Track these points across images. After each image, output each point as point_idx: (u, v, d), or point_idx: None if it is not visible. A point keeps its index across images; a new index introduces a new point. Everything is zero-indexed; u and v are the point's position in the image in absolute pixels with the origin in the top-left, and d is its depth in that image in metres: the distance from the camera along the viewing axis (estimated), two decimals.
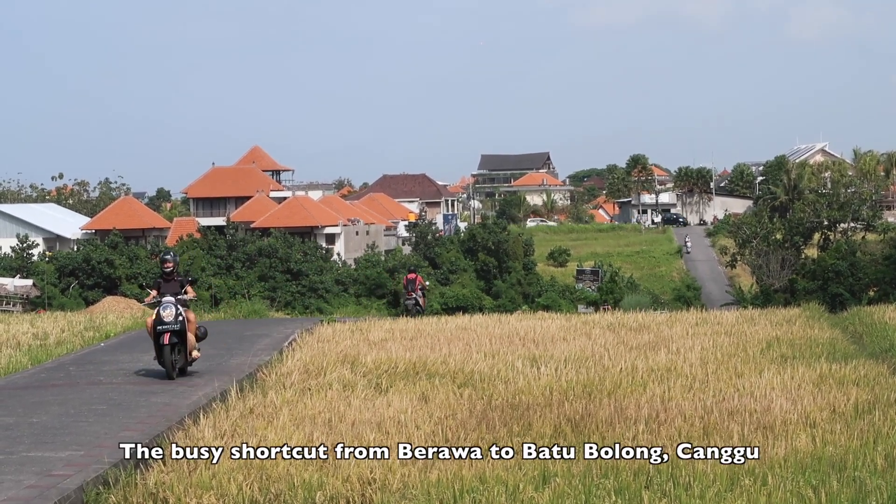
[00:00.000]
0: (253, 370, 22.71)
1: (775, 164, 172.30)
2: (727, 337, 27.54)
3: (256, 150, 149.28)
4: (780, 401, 17.89)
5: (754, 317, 33.13)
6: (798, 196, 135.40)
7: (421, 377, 21.41)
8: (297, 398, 18.98)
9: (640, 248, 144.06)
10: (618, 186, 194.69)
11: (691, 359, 23.35)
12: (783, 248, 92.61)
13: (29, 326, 34.05)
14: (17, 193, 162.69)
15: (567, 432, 15.92)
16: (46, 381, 22.22)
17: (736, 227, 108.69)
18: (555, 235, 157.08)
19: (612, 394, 19.18)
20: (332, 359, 23.53)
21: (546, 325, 31.23)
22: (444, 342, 26.96)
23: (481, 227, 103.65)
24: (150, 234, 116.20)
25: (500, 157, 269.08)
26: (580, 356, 23.98)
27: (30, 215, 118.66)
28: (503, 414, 17.28)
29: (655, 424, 16.26)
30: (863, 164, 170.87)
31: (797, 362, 22.56)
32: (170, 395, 19.71)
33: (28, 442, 15.69)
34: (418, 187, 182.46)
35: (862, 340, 27.25)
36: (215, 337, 30.49)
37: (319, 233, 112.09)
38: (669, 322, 31.80)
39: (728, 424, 16.13)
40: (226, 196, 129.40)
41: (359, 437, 15.59)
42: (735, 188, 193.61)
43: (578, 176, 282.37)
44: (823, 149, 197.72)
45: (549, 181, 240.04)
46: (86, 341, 30.33)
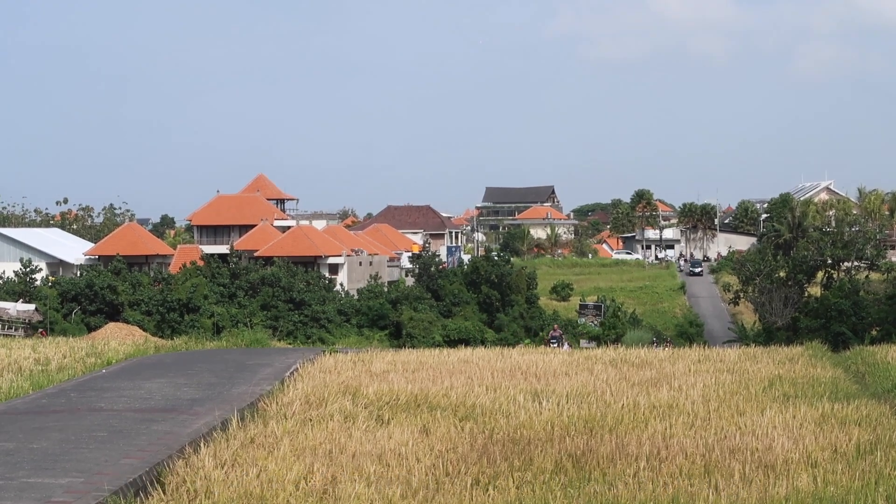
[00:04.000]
0: (254, 399, 22.67)
1: (780, 202, 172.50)
2: (729, 374, 27.50)
3: (261, 179, 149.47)
4: (782, 440, 17.85)
5: (757, 355, 33.07)
6: (802, 234, 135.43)
7: (422, 410, 21.38)
8: (298, 428, 18.94)
9: (644, 284, 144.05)
10: (622, 221, 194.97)
11: (693, 396, 23.30)
12: (786, 286, 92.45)
13: (31, 352, 34.05)
14: (21, 218, 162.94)
15: (568, 468, 15.89)
16: (47, 407, 22.19)
17: (739, 263, 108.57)
18: (558, 269, 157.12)
19: (613, 430, 19.14)
20: (334, 389, 23.49)
21: (548, 360, 31.19)
22: (446, 375, 26.93)
23: (485, 259, 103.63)
24: (154, 260, 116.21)
25: (504, 189, 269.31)
26: (582, 391, 23.94)
27: (34, 240, 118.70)
28: (504, 448, 17.25)
29: (657, 461, 16.22)
30: (867, 202, 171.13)
31: (799, 401, 22.52)
32: (171, 423, 19.68)
33: (28, 468, 15.66)
34: (422, 219, 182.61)
35: (864, 380, 27.20)
36: (217, 366, 30.49)
37: (323, 262, 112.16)
38: (672, 359, 31.76)
39: (730, 462, 16.09)
40: (230, 224, 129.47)
41: (359, 468, 15.56)
42: (739, 225, 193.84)
43: (583, 210, 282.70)
44: (828, 187, 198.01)
45: (553, 215, 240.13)
46: (87, 367, 30.32)
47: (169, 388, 24.82)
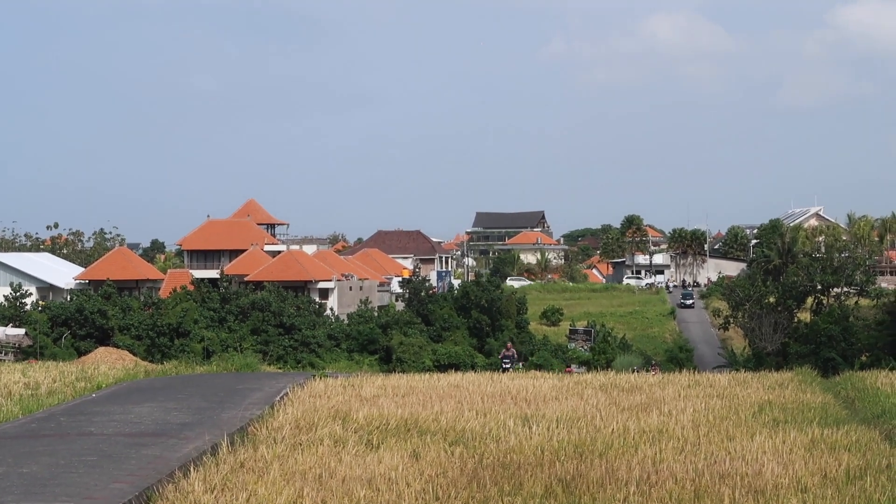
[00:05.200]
0: (244, 424, 22.66)
1: (770, 228, 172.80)
2: (719, 399, 27.52)
3: (251, 204, 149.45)
4: (772, 465, 17.87)
5: (746, 380, 33.10)
6: (792, 260, 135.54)
7: (412, 434, 21.38)
8: (288, 453, 18.94)
9: (634, 309, 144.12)
10: (612, 247, 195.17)
11: (683, 421, 23.32)
12: (776, 312, 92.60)
13: (20, 376, 33.97)
14: (11, 242, 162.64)
15: (558, 493, 15.89)
16: (37, 432, 22.15)
17: (729, 289, 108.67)
18: (548, 294, 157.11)
19: (603, 455, 19.15)
20: (324, 414, 23.49)
21: (538, 385, 31.19)
22: (436, 399, 26.93)
23: (475, 284, 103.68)
24: (144, 285, 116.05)
25: (495, 214, 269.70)
26: (572, 416, 23.95)
27: (24, 264, 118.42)
28: (494, 473, 17.25)
29: (646, 486, 16.23)
30: (857, 228, 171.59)
31: (789, 426, 22.55)
32: (160, 448, 19.66)
33: (17, 492, 15.64)
34: (413, 243, 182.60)
35: (854, 405, 27.24)
36: (207, 390, 30.46)
37: (313, 287, 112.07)
38: (662, 384, 31.78)
39: (719, 488, 16.10)
40: (220, 249, 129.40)
41: (349, 493, 15.56)
42: (729, 251, 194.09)
43: (573, 235, 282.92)
44: (818, 213, 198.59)
45: (543, 240, 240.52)
46: (77, 392, 30.27)
47: (159, 413, 24.79)
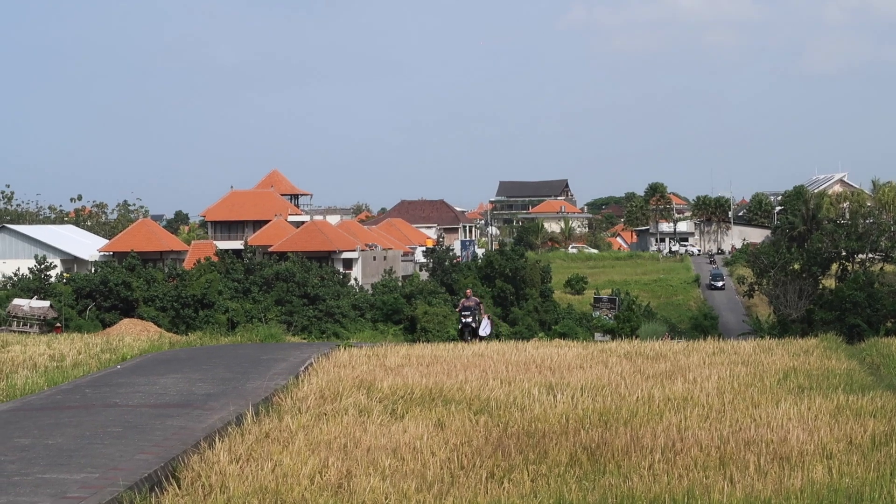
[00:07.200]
0: (269, 394, 22.67)
1: (794, 194, 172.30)
2: (744, 367, 27.43)
3: (275, 174, 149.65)
4: (797, 431, 17.80)
5: (771, 347, 32.98)
6: (816, 226, 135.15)
7: (437, 403, 21.36)
8: (312, 423, 18.94)
9: (658, 277, 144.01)
10: (636, 214, 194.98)
11: (708, 388, 23.25)
12: (801, 279, 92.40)
13: (45, 348, 34.10)
14: (35, 215, 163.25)
15: (583, 461, 15.87)
16: (62, 403, 22.23)
17: (754, 256, 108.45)
18: (572, 263, 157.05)
19: (628, 422, 19.11)
20: (349, 384, 23.49)
21: (563, 353, 31.15)
22: (461, 369, 26.91)
23: (499, 253, 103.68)
24: (168, 256, 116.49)
25: (518, 183, 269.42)
26: (597, 384, 23.91)
27: (48, 237, 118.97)
28: (519, 441, 17.24)
29: (671, 454, 16.19)
30: (881, 194, 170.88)
31: (814, 393, 22.46)
32: (185, 419, 19.70)
33: (43, 463, 15.69)
34: (436, 213, 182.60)
35: (879, 372, 27.13)
36: (231, 361, 30.52)
37: (337, 258, 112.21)
38: (686, 351, 31.69)
39: (744, 454, 16.05)
40: (244, 220, 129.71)
41: (374, 462, 15.57)
42: (753, 218, 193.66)
43: (597, 203, 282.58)
44: (842, 179, 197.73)
45: (567, 208, 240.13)
46: (102, 363, 30.35)
47: (183, 384, 24.84)
